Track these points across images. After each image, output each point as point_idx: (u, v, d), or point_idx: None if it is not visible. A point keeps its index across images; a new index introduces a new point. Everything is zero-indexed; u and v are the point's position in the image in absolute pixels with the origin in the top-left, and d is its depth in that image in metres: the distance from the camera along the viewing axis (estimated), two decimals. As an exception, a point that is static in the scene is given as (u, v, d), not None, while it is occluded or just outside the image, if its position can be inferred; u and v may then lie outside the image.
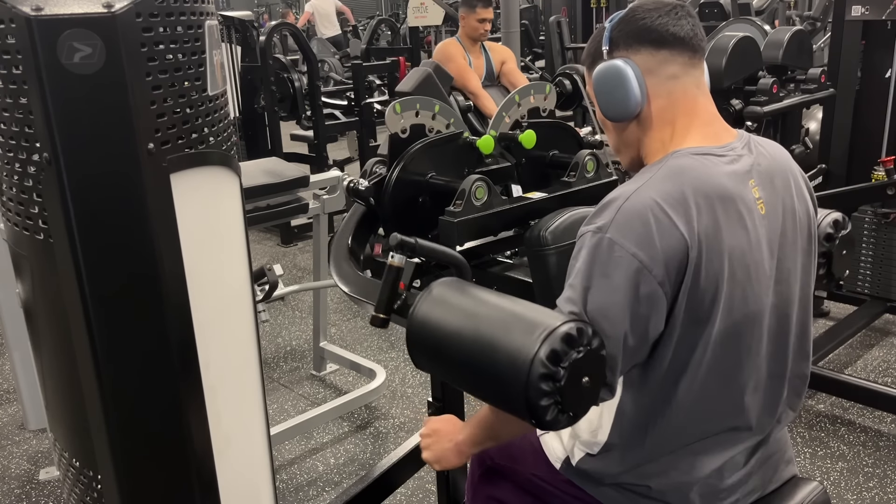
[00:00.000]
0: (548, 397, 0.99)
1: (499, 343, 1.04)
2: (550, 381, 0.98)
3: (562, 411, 1.00)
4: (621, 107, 1.19)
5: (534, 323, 1.03)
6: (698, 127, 1.20)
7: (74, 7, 0.89)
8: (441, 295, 1.17)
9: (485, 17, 4.03)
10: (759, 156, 1.21)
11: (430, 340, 1.16)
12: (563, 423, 1.02)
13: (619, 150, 1.30)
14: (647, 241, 1.06)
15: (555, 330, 1.00)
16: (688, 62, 1.19)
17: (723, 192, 1.12)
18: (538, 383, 0.98)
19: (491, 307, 1.12)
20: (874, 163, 3.00)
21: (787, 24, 6.63)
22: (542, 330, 1.01)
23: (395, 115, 1.59)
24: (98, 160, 0.93)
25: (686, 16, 1.19)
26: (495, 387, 1.07)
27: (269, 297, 2.38)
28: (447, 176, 1.63)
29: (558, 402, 1.00)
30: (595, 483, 1.27)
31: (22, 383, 2.53)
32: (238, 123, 5.09)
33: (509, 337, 1.03)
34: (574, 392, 1.00)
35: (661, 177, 1.12)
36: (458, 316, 1.13)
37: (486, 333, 1.07)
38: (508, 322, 1.06)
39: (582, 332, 1.01)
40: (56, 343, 1.06)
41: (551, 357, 0.98)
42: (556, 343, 0.99)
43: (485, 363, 1.06)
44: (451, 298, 1.16)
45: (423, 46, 8.56)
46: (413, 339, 1.18)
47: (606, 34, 1.22)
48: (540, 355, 0.98)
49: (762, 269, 1.15)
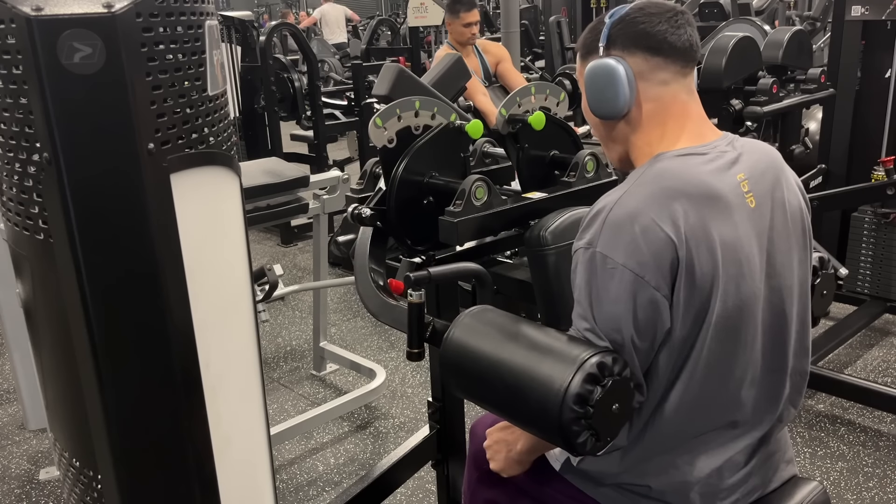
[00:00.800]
0: (582, 434, 1.04)
1: (528, 385, 1.08)
2: (582, 420, 1.03)
3: (598, 440, 1.05)
4: (609, 106, 1.21)
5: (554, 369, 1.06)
6: (687, 129, 1.21)
7: (74, 7, 0.89)
8: (472, 325, 1.21)
9: (470, 20, 3.97)
10: (744, 152, 1.22)
11: (463, 377, 1.21)
12: (602, 447, 1.08)
13: (607, 147, 1.31)
14: (634, 250, 1.08)
15: (578, 369, 1.03)
16: (679, 71, 1.21)
17: (707, 190, 1.13)
18: (571, 426, 1.03)
19: (514, 348, 1.15)
20: (874, 163, 3.00)
21: (787, 24, 6.63)
22: (567, 374, 1.04)
23: (377, 130, 1.57)
24: (98, 160, 0.93)
25: (685, 24, 1.20)
26: (534, 424, 1.13)
27: (269, 297, 2.38)
28: (445, 170, 1.63)
29: (593, 434, 1.04)
30: (595, 484, 1.27)
31: (22, 383, 2.53)
32: (238, 123, 5.09)
33: (536, 382, 1.07)
34: (606, 421, 1.05)
35: (644, 181, 1.14)
36: (493, 344, 1.16)
37: (515, 374, 1.11)
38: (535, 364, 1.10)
39: (603, 366, 1.05)
40: (56, 343, 1.06)
41: (579, 400, 1.02)
42: (581, 387, 1.03)
43: (519, 404, 1.10)
44: (481, 329, 1.19)
45: (423, 46, 8.55)
46: (446, 367, 1.22)
47: (605, 30, 1.22)
48: (568, 401, 1.02)
49: (753, 263, 1.16)
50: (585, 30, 1.30)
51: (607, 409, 1.04)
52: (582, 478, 1.29)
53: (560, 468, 1.33)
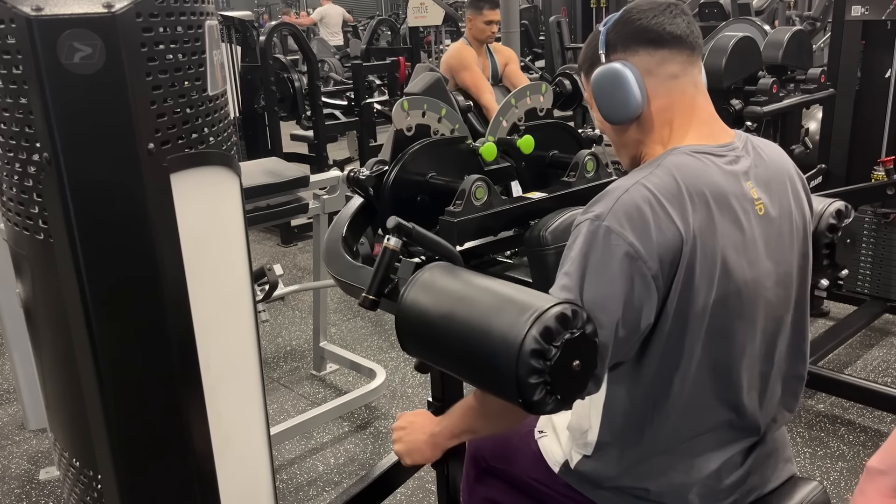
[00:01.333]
0: (537, 375, 0.98)
1: (491, 323, 1.03)
2: (541, 359, 0.98)
3: (550, 392, 0.99)
4: (622, 109, 1.19)
5: (528, 303, 1.03)
6: (696, 126, 1.20)
7: (74, 7, 0.89)
8: (431, 279, 1.17)
9: (492, 18, 4.01)
10: (757, 157, 1.21)
11: (421, 324, 1.15)
12: (549, 406, 1.01)
13: (619, 152, 1.30)
14: (644, 233, 1.06)
15: (549, 309, 1.00)
16: (686, 60, 1.19)
17: (718, 191, 1.12)
18: (529, 359, 0.97)
19: (483, 290, 1.11)
20: (874, 163, 3.00)
21: (787, 24, 6.63)
22: (536, 309, 1.00)
23: (402, 112, 1.60)
24: (98, 160, 0.93)
25: (681, 14, 1.19)
26: (485, 365, 1.05)
27: (269, 297, 2.38)
28: (447, 177, 1.63)
29: (547, 383, 0.99)
30: (593, 486, 1.27)
31: (22, 383, 2.53)
32: (238, 123, 5.09)
33: (502, 316, 1.03)
34: (564, 374, 1.00)
35: (659, 172, 1.12)
36: (450, 299, 1.13)
37: (478, 314, 1.06)
38: (501, 304, 1.06)
39: (576, 314, 1.01)
40: (56, 343, 1.06)
41: (544, 334, 0.98)
42: (550, 321, 0.98)
43: (476, 343, 1.05)
44: (442, 282, 1.16)
45: (423, 46, 8.56)
46: (403, 322, 1.17)
47: (602, 38, 1.21)
48: (533, 332, 0.98)
49: (757, 269, 1.16)
50: (583, 47, 1.29)
51: (568, 360, 0.99)
52: (580, 480, 1.29)
53: (559, 470, 1.33)
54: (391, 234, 1.26)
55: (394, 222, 1.25)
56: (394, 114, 1.60)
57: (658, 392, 1.16)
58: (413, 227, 1.26)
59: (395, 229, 1.25)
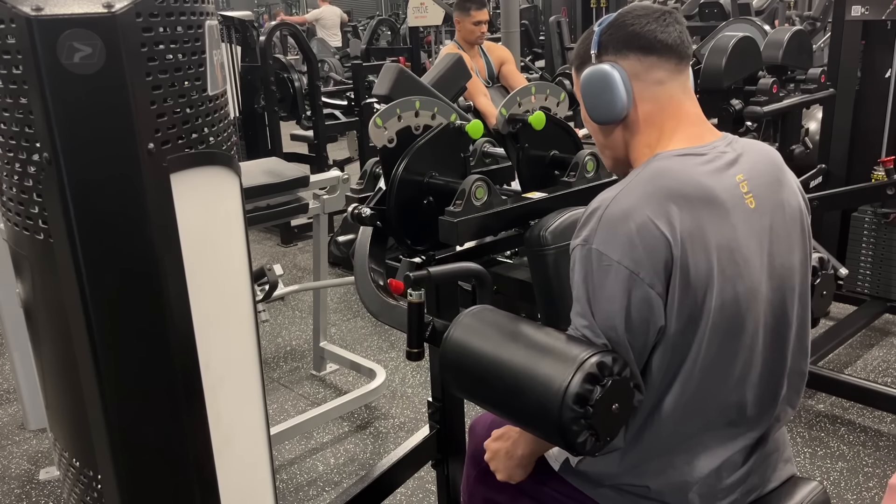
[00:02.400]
0: (582, 434, 1.04)
1: (528, 385, 1.08)
2: (581, 420, 1.03)
3: (598, 440, 1.06)
4: (607, 110, 1.22)
5: (569, 354, 1.07)
6: (683, 128, 1.22)
7: (74, 7, 0.89)
8: (474, 324, 1.21)
9: (480, 19, 3.97)
10: (744, 153, 1.22)
11: (462, 377, 1.21)
12: (602, 447, 1.08)
13: (603, 152, 1.33)
14: (629, 247, 1.08)
15: (578, 369, 1.04)
16: (674, 68, 1.21)
17: (704, 191, 1.13)
18: (570, 425, 1.03)
19: (525, 339, 1.15)
20: (874, 163, 3.00)
21: (787, 24, 6.63)
22: (566, 374, 1.04)
23: (377, 129, 1.57)
24: (98, 160, 0.93)
25: (674, 23, 1.21)
26: (533, 425, 1.13)
27: (269, 297, 2.39)
28: (445, 170, 1.63)
29: (593, 434, 1.05)
30: (594, 484, 1.28)
31: (22, 383, 2.53)
32: (238, 123, 5.09)
33: (536, 382, 1.07)
34: (606, 420, 1.05)
35: (641, 180, 1.14)
36: (492, 345, 1.16)
37: (515, 373, 1.11)
38: (544, 352, 1.10)
39: (603, 366, 1.05)
40: (56, 343, 1.06)
41: (578, 400, 1.03)
42: (580, 387, 1.03)
43: (517, 404, 1.10)
44: (484, 328, 1.20)
45: (423, 46, 8.56)
46: (446, 366, 1.22)
47: (595, 38, 1.23)
48: (567, 401, 1.02)
49: (752, 264, 1.16)
50: (577, 43, 1.31)
51: (607, 409, 1.05)
52: (581, 478, 1.29)
53: (559, 468, 1.33)
54: (412, 289, 1.29)
55: (410, 280, 1.29)
56: (371, 133, 1.57)
57: (661, 393, 1.16)
58: (429, 272, 1.31)
59: (414, 284, 1.29)
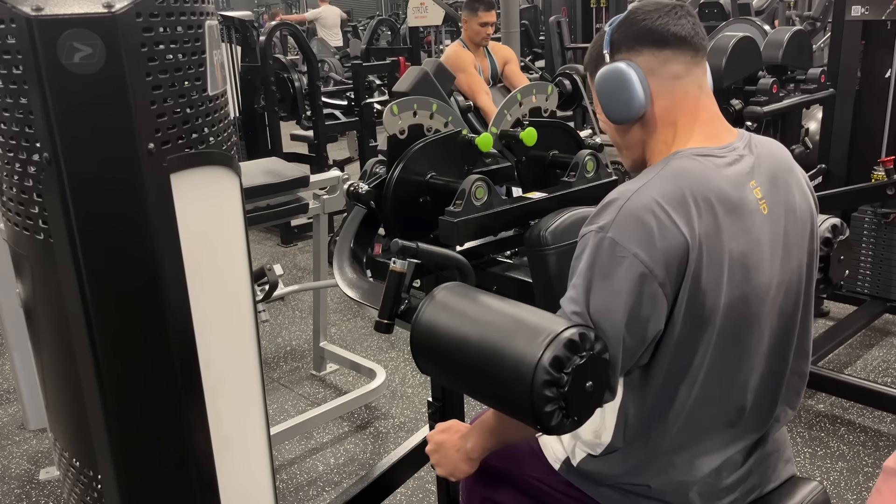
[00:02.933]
0: (552, 403, 0.99)
1: (503, 350, 1.04)
2: (554, 387, 0.99)
3: (566, 416, 1.01)
4: (625, 109, 1.19)
5: (537, 328, 1.03)
6: (700, 127, 1.19)
7: (74, 7, 0.89)
8: (444, 300, 1.17)
9: (487, 20, 4.00)
10: (759, 156, 1.20)
11: (435, 347, 1.17)
12: (567, 428, 1.03)
13: (622, 153, 1.29)
14: (648, 242, 1.06)
15: (558, 335, 1.00)
16: (690, 61, 1.19)
17: (723, 195, 1.12)
18: (542, 389, 0.98)
19: (494, 312, 1.12)
20: (874, 163, 3.00)
21: (787, 24, 6.63)
22: (545, 336, 1.01)
23: (392, 117, 1.58)
24: (98, 160, 0.93)
25: (686, 15, 1.19)
26: (500, 393, 1.07)
27: (269, 297, 2.39)
28: (447, 175, 1.63)
29: (563, 408, 1.00)
30: (595, 484, 1.27)
31: (22, 383, 2.53)
32: (238, 123, 5.09)
33: (513, 343, 1.04)
34: (578, 397, 1.01)
35: (663, 177, 1.12)
36: (462, 322, 1.13)
37: (490, 340, 1.07)
38: (512, 328, 1.07)
39: (584, 337, 1.02)
40: (56, 343, 1.06)
41: (554, 363, 0.99)
42: (560, 349, 0.99)
43: (489, 370, 1.06)
44: (454, 304, 1.16)
45: (423, 46, 8.56)
46: (417, 344, 1.18)
47: (607, 38, 1.21)
48: (543, 362, 0.98)
49: (763, 269, 1.15)
50: (588, 49, 1.29)
51: (581, 383, 1.00)
52: (581, 478, 1.29)
53: (559, 468, 1.33)
54: (396, 256, 1.26)
55: (397, 246, 1.25)
56: (384, 119, 1.58)
57: (665, 396, 1.16)
58: (417, 245, 1.27)
59: (399, 252, 1.25)
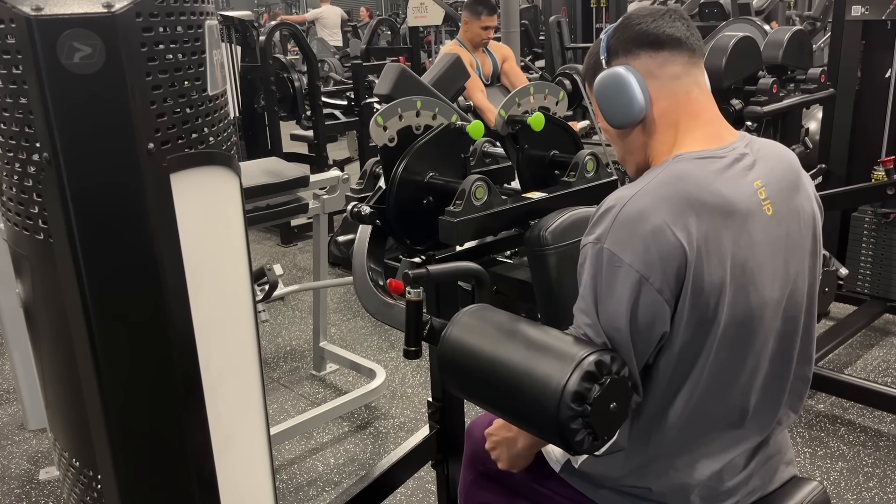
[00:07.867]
0: (580, 433, 1.03)
1: (527, 382, 1.08)
2: (579, 419, 1.02)
3: (595, 438, 1.05)
4: (625, 113, 1.19)
5: (566, 353, 1.06)
6: (702, 127, 1.19)
7: (74, 7, 0.89)
8: (471, 322, 1.20)
9: (489, 24, 4.00)
10: (762, 157, 1.20)
11: (460, 368, 1.20)
12: (599, 447, 1.07)
13: (625, 159, 1.29)
14: (642, 251, 1.06)
15: (576, 367, 1.03)
16: (688, 62, 1.19)
17: (723, 200, 1.11)
18: (568, 423, 1.02)
19: (522, 338, 1.14)
20: (874, 163, 3.00)
21: (787, 24, 6.63)
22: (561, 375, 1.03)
23: (378, 128, 1.56)
24: (98, 160, 0.93)
25: (679, 18, 1.20)
26: (531, 422, 1.12)
27: (269, 297, 2.39)
28: (446, 170, 1.62)
29: (591, 433, 1.04)
30: (595, 486, 1.27)
31: (22, 383, 2.53)
32: (238, 123, 5.09)
33: (534, 386, 1.07)
34: (604, 419, 1.05)
35: (659, 182, 1.11)
36: (490, 345, 1.16)
37: (516, 367, 1.10)
38: (540, 352, 1.10)
39: (602, 365, 1.04)
40: (56, 343, 1.06)
41: (576, 398, 1.02)
42: (578, 385, 1.02)
43: (517, 398, 1.10)
44: (479, 327, 1.19)
45: (423, 46, 8.55)
46: (444, 366, 1.21)
47: (603, 43, 1.22)
48: (566, 400, 1.02)
49: (766, 273, 1.15)
50: (585, 59, 1.30)
51: (605, 407, 1.04)
52: (582, 480, 1.29)
53: (560, 469, 1.33)
54: (410, 287, 1.28)
55: (409, 279, 1.28)
56: (371, 132, 1.56)
57: (669, 398, 1.16)
58: (428, 270, 1.30)
59: (413, 282, 1.28)
